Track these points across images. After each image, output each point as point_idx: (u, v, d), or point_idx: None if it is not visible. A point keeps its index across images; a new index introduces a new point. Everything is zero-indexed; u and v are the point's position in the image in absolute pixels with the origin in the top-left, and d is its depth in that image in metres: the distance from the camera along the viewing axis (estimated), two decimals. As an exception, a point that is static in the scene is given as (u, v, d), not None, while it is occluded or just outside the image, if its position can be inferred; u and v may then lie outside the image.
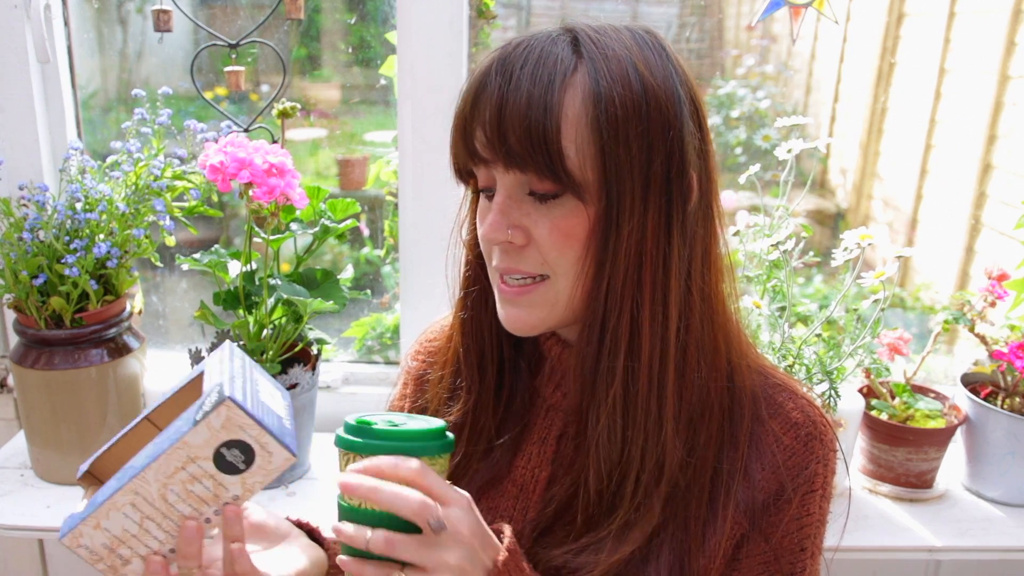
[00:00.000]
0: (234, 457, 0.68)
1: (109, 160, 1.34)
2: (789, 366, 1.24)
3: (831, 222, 2.36)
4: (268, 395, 0.73)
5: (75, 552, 0.70)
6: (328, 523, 1.03)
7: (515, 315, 0.75)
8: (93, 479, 0.76)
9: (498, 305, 0.77)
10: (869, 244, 1.21)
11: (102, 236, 1.27)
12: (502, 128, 0.67)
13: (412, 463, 0.65)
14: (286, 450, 0.68)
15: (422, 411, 0.91)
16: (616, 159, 0.67)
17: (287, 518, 0.86)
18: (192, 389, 0.76)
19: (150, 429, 0.76)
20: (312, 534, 0.87)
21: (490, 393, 0.83)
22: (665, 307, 0.72)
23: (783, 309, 1.27)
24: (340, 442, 0.69)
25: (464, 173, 0.76)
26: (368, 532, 0.64)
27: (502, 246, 0.73)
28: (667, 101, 0.69)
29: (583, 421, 0.75)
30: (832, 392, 1.22)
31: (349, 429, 0.69)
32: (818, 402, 0.82)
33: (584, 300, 0.73)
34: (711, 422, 0.76)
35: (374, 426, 0.69)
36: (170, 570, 0.71)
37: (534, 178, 0.69)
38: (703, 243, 0.74)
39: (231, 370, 0.71)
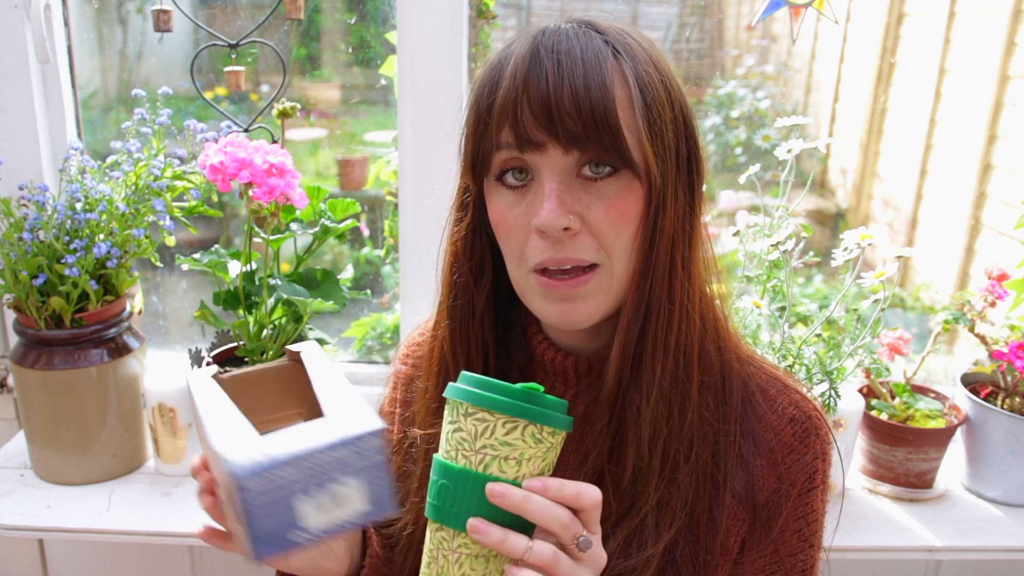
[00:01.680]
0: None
1: (109, 160, 1.34)
2: (789, 366, 1.24)
3: (831, 222, 2.36)
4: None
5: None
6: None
7: (569, 309, 0.74)
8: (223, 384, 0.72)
9: (540, 302, 0.75)
10: (869, 244, 1.21)
11: (102, 236, 1.27)
12: (560, 109, 0.68)
13: (595, 493, 0.63)
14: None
15: (410, 423, 0.91)
16: (662, 139, 0.70)
17: None
18: (279, 374, 0.74)
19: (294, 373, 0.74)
20: None
21: None
22: (690, 283, 0.75)
23: (783, 309, 1.27)
24: (487, 401, 0.61)
25: (481, 167, 0.75)
26: (526, 541, 0.61)
27: (551, 236, 0.71)
28: (680, 92, 0.74)
29: (617, 404, 0.76)
30: (832, 392, 1.22)
31: (503, 389, 0.62)
32: (808, 392, 0.83)
33: (632, 282, 0.74)
34: (710, 392, 0.78)
35: (539, 391, 0.62)
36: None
37: (593, 157, 0.70)
38: (696, 229, 0.78)
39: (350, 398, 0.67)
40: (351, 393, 0.66)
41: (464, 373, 0.64)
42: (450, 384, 0.64)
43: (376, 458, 0.61)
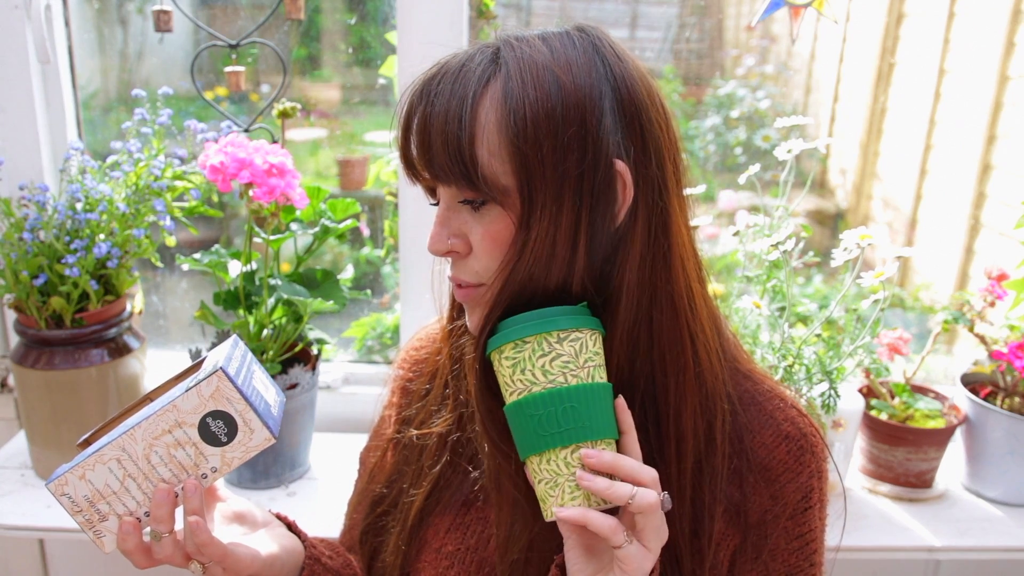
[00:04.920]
0: (218, 428, 0.71)
1: (109, 160, 1.34)
2: (789, 366, 1.25)
3: (831, 222, 2.36)
4: (261, 383, 0.76)
5: (58, 500, 0.73)
6: (326, 521, 1.04)
7: (470, 319, 0.76)
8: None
9: None
10: (869, 244, 1.21)
11: (102, 236, 1.27)
12: (426, 145, 0.70)
13: (652, 472, 0.68)
14: (267, 430, 0.72)
15: (406, 422, 0.91)
16: (526, 161, 0.68)
17: (269, 511, 0.87)
18: (193, 372, 0.79)
19: None
20: (291, 528, 0.88)
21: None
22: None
23: (783, 309, 1.27)
24: (525, 330, 0.68)
25: (430, 190, 0.77)
26: (631, 489, 0.65)
27: (448, 256, 0.74)
28: (584, 99, 0.68)
29: None
30: (832, 392, 1.22)
31: (576, 311, 0.69)
32: (805, 407, 0.82)
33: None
34: (682, 417, 0.75)
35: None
36: (142, 533, 0.74)
37: (459, 189, 0.71)
38: (651, 239, 0.72)
39: (230, 354, 0.74)
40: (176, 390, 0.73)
41: (512, 319, 0.69)
42: (522, 326, 0.68)
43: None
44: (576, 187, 0.68)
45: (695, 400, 0.76)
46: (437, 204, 0.75)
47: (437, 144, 0.69)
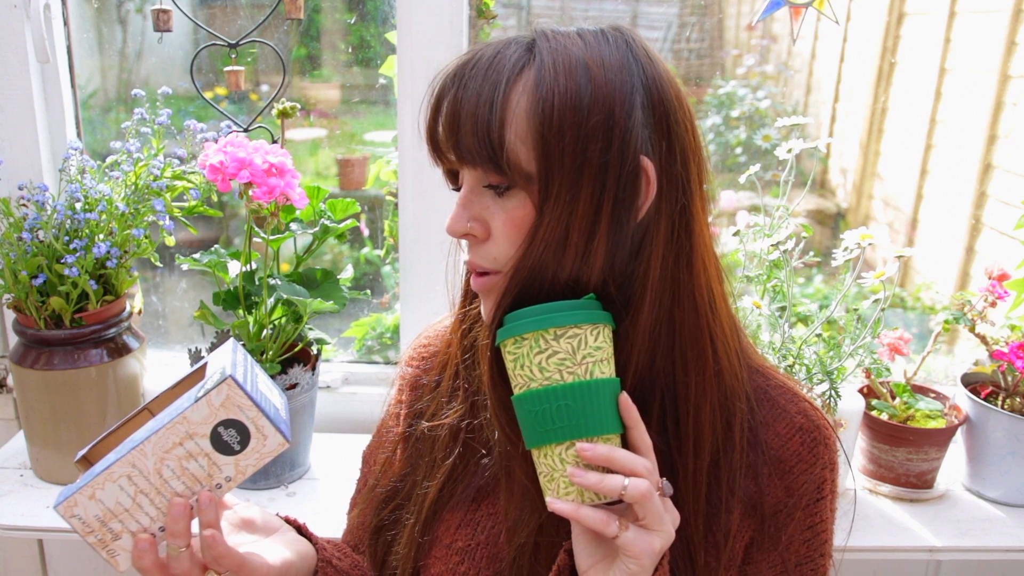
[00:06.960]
0: (230, 437, 0.71)
1: (109, 160, 1.34)
2: (789, 366, 1.24)
3: (831, 222, 2.36)
4: (266, 387, 0.76)
5: (68, 522, 0.71)
6: (326, 521, 1.04)
7: (483, 307, 0.77)
8: (90, 465, 0.77)
9: None
10: (869, 244, 1.21)
11: (102, 236, 1.27)
12: (454, 127, 0.71)
13: (646, 461, 0.68)
14: (280, 435, 0.71)
15: (418, 415, 0.91)
16: (548, 149, 0.68)
17: (277, 514, 0.87)
18: (193, 380, 0.78)
19: (149, 418, 0.77)
20: (301, 531, 0.88)
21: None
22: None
23: (783, 309, 1.27)
24: (533, 324, 0.67)
25: (451, 175, 0.78)
26: (622, 480, 0.65)
27: (467, 240, 0.75)
28: (614, 92, 0.69)
29: None
30: (832, 392, 1.22)
31: (577, 305, 0.69)
32: (818, 403, 0.83)
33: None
34: (700, 414, 0.76)
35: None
36: (158, 549, 0.73)
37: (484, 172, 0.71)
38: (673, 237, 0.73)
39: (234, 359, 0.73)
40: (184, 399, 0.72)
41: (514, 313, 0.69)
42: (520, 323, 0.68)
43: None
44: (598, 178, 0.69)
45: (714, 398, 0.76)
46: (458, 190, 0.76)
47: (467, 126, 0.70)
